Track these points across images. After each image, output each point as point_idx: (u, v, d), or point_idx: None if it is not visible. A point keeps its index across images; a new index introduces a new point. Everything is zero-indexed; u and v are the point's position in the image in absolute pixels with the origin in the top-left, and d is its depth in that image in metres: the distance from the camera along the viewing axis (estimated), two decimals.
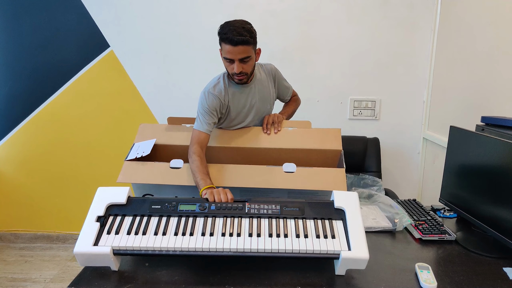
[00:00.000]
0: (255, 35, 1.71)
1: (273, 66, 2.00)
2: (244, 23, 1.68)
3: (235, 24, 1.65)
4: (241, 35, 1.62)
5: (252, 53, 1.70)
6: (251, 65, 1.74)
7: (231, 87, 1.84)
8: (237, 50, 1.64)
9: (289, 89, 2.12)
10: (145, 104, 2.93)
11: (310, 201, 1.33)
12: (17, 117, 2.98)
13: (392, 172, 2.95)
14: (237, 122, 1.90)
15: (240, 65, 1.69)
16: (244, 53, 1.66)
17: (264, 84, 1.94)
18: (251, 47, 1.69)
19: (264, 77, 1.95)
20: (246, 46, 1.65)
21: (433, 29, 2.69)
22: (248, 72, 1.74)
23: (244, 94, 1.87)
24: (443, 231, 1.51)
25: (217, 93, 1.80)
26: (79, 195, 3.09)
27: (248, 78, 1.80)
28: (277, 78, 2.02)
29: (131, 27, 2.81)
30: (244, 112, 1.89)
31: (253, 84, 1.89)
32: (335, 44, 2.79)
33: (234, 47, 1.64)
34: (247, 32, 1.65)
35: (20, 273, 2.74)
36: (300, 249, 1.18)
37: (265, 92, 1.94)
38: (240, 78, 1.74)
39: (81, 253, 1.16)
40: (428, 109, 2.79)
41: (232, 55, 1.66)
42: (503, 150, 1.35)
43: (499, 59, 1.94)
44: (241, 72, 1.71)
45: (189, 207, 1.31)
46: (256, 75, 1.91)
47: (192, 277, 1.19)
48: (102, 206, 1.27)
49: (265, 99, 1.94)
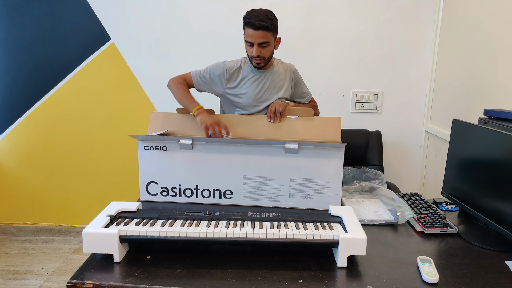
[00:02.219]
0: (276, 24, 1.87)
1: (294, 66, 2.10)
2: (268, 11, 1.85)
3: (259, 11, 1.83)
4: (263, 21, 1.79)
5: (271, 39, 1.85)
6: (269, 50, 1.88)
7: (245, 70, 1.99)
8: (257, 35, 1.80)
9: (307, 94, 2.17)
10: (147, 97, 2.93)
11: (308, 212, 1.48)
12: (19, 109, 2.98)
13: (394, 165, 2.95)
14: (247, 105, 1.99)
15: (259, 49, 1.84)
16: (263, 38, 1.81)
17: (279, 77, 2.02)
18: (271, 34, 1.84)
19: (281, 72, 2.04)
20: (266, 32, 1.81)
21: (436, 21, 2.67)
22: (265, 57, 1.88)
23: (256, 78, 1.98)
24: (445, 224, 1.51)
25: (228, 67, 1.97)
26: (81, 187, 3.09)
27: (266, 64, 1.92)
28: (296, 78, 2.09)
29: (132, 20, 2.80)
30: (252, 97, 1.98)
31: (267, 73, 2.00)
32: (337, 36, 2.77)
33: (255, 31, 1.80)
34: (269, 19, 1.81)
35: (22, 266, 2.75)
36: (301, 234, 1.23)
37: (278, 85, 2.01)
38: (258, 62, 1.89)
39: (89, 232, 1.20)
40: (431, 102, 2.77)
41: (253, 39, 1.82)
42: (506, 143, 1.34)
43: (502, 52, 1.92)
44: (259, 56, 1.85)
45: (195, 213, 1.37)
46: (274, 67, 2.02)
47: (193, 270, 1.19)
48: (113, 210, 1.35)
49: (277, 90, 2.01)
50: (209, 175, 1.64)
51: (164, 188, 1.67)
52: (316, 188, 1.61)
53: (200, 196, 1.67)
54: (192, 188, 1.66)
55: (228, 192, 1.66)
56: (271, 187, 1.63)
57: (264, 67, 1.95)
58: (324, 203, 1.61)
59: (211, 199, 1.67)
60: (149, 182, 1.67)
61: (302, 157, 1.59)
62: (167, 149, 1.63)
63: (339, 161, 1.58)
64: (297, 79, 2.10)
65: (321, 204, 1.62)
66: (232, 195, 1.66)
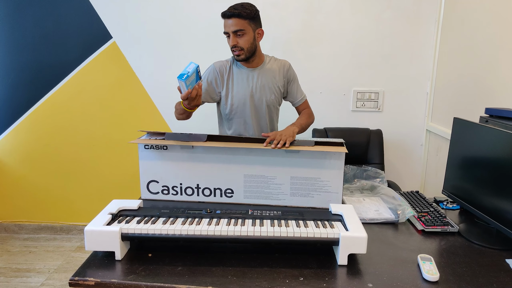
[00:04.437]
0: (251, 13, 1.82)
1: (288, 63, 2.06)
2: (245, 2, 1.85)
3: (236, 3, 1.84)
4: (235, 8, 1.80)
5: (247, 27, 1.82)
6: (247, 40, 1.85)
7: (235, 68, 1.98)
8: (230, 23, 1.81)
9: (301, 94, 2.12)
10: (148, 96, 2.93)
11: (308, 210, 1.48)
12: (20, 108, 2.98)
13: (395, 164, 2.95)
14: (237, 103, 1.97)
15: (235, 39, 1.83)
16: (237, 26, 1.80)
17: (271, 74, 1.99)
18: (246, 22, 1.82)
19: (274, 69, 2.01)
20: (239, 19, 1.80)
21: (437, 20, 2.67)
22: (244, 47, 1.85)
23: (245, 76, 1.96)
24: (446, 222, 1.51)
25: (218, 66, 1.96)
26: (83, 186, 3.09)
27: (247, 56, 1.88)
28: (290, 76, 2.06)
29: (134, 19, 2.80)
30: (243, 93, 1.96)
31: (258, 70, 1.97)
32: (338, 35, 2.77)
33: (228, 20, 1.81)
34: (242, 7, 1.80)
35: (24, 264, 2.76)
36: (302, 233, 1.23)
37: (270, 82, 1.99)
38: (237, 53, 1.86)
39: (91, 230, 1.21)
40: (432, 101, 2.77)
41: (227, 28, 1.83)
42: (507, 141, 1.34)
43: (503, 51, 1.92)
44: (236, 46, 1.84)
45: (197, 211, 1.39)
46: (265, 64, 2.00)
47: (194, 268, 1.19)
48: (115, 208, 1.36)
49: (268, 88, 1.97)
50: (209, 174, 1.65)
51: (165, 187, 1.68)
52: (317, 187, 1.61)
53: (201, 194, 1.67)
54: (193, 187, 1.67)
55: (229, 191, 1.66)
56: (272, 186, 1.63)
57: (246, 60, 1.90)
58: (325, 202, 1.61)
59: (212, 197, 1.67)
60: (150, 181, 1.68)
61: (302, 156, 1.59)
62: (167, 148, 1.63)
63: (340, 160, 1.58)
64: (290, 77, 2.05)
65: (322, 203, 1.62)
66: (233, 194, 1.66)
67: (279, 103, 2.08)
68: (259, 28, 1.90)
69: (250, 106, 1.98)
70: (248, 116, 1.99)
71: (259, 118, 2.02)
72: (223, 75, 1.96)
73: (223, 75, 1.96)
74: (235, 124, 2.02)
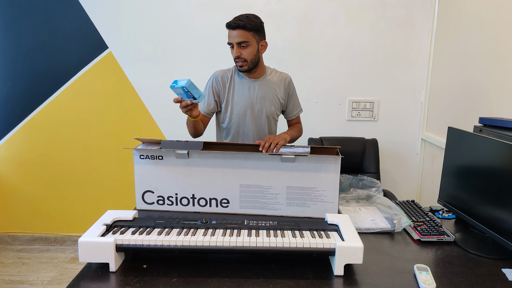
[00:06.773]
0: (256, 25, 1.82)
1: (289, 77, 2.08)
2: (250, 14, 1.84)
3: (241, 15, 1.84)
4: (240, 20, 1.80)
5: (251, 40, 1.83)
6: (251, 52, 1.85)
7: (237, 77, 1.98)
8: (234, 34, 1.81)
9: (298, 109, 2.14)
10: (144, 105, 2.93)
11: (304, 220, 1.50)
12: (16, 118, 2.97)
13: (391, 173, 2.95)
14: (237, 113, 1.97)
15: (239, 50, 1.83)
16: (241, 38, 1.80)
17: (272, 86, 2.00)
18: (250, 34, 1.82)
19: (275, 81, 2.02)
20: (243, 31, 1.80)
21: (431, 29, 2.70)
22: (247, 59, 1.85)
23: (247, 86, 1.97)
24: (442, 232, 1.51)
25: (220, 75, 1.96)
26: (78, 196, 3.07)
27: (250, 67, 1.88)
28: (290, 89, 2.08)
29: (129, 29, 2.81)
30: (243, 103, 1.96)
31: (259, 81, 1.98)
32: (333, 45, 2.79)
33: (232, 31, 1.81)
34: (247, 19, 1.80)
35: (17, 275, 2.73)
36: (298, 243, 1.23)
37: (270, 94, 2.00)
38: (240, 64, 1.87)
39: (85, 241, 1.20)
40: (426, 110, 2.79)
41: (231, 39, 1.83)
42: (501, 151, 1.35)
43: (497, 60, 1.94)
44: (240, 57, 1.84)
45: (192, 222, 1.38)
46: (267, 75, 2.00)
47: (190, 279, 1.18)
48: (109, 219, 1.35)
49: (269, 100, 1.98)
50: (205, 184, 1.64)
51: (160, 197, 1.67)
52: (312, 197, 1.61)
53: (197, 204, 1.66)
54: (188, 197, 1.66)
55: (224, 201, 1.65)
56: (267, 196, 1.63)
57: (249, 71, 1.91)
58: (320, 211, 1.61)
59: (207, 207, 1.66)
60: (145, 191, 1.67)
61: (298, 165, 1.59)
62: (163, 158, 1.62)
63: (335, 169, 1.58)
64: (291, 90, 2.08)
65: (318, 213, 1.62)
66: (228, 204, 1.65)
67: (277, 115, 2.09)
68: (263, 40, 1.90)
69: (250, 116, 1.98)
70: (247, 127, 1.99)
71: (259, 129, 2.02)
72: (224, 84, 1.97)
73: (225, 84, 1.97)
74: (234, 133, 2.02)
